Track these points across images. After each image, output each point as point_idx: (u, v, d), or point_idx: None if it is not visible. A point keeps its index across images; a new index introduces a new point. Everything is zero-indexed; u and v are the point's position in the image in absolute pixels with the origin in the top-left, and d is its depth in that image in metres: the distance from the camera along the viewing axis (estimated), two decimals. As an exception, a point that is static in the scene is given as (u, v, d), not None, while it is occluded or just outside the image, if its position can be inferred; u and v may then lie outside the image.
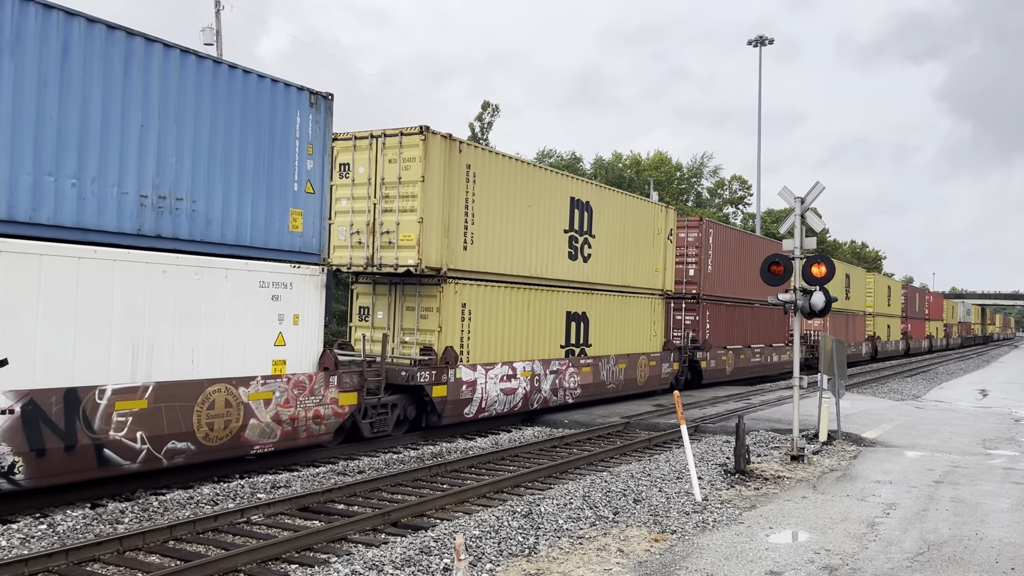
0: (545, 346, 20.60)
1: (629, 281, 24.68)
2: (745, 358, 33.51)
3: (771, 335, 36.71)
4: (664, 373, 26.55)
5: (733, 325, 32.33)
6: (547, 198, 20.58)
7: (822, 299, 14.79)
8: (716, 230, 31.15)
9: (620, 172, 72.73)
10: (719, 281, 30.91)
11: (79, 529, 9.89)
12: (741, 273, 32.71)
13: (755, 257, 33.02)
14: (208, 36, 31.44)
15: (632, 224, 24.83)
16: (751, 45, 50.88)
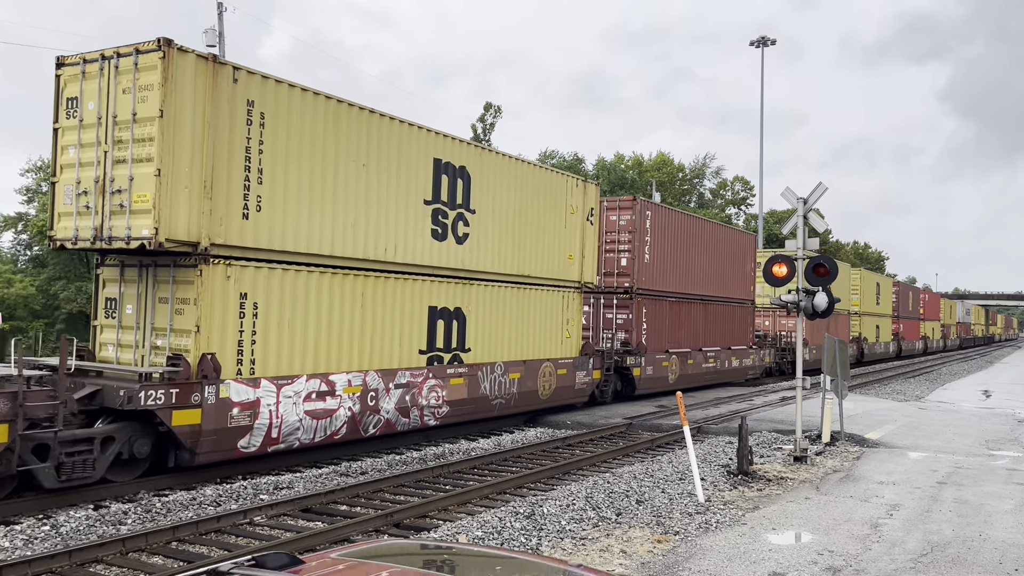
0: (391, 352, 15.61)
1: (529, 270, 19.70)
2: (695, 363, 28.74)
3: (730, 336, 32.23)
4: (580, 383, 21.64)
5: (679, 325, 27.72)
6: (396, 157, 15.62)
7: (825, 300, 14.77)
8: (656, 212, 26.42)
9: (622, 173, 72.71)
10: (660, 273, 26.52)
11: (82, 530, 9.89)
12: (691, 264, 28.63)
13: (709, 245, 30.02)
14: (211, 37, 31.46)
15: (533, 199, 19.82)
16: (753, 46, 50.86)
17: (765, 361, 35.64)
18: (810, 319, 15.26)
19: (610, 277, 25.24)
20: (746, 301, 33.50)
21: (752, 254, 34.38)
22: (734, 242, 32.76)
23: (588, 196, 22.35)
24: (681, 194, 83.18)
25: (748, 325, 33.81)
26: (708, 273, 29.77)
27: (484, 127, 60.98)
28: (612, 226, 25.28)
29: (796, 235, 15.30)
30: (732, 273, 32.09)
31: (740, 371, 32.88)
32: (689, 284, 28.53)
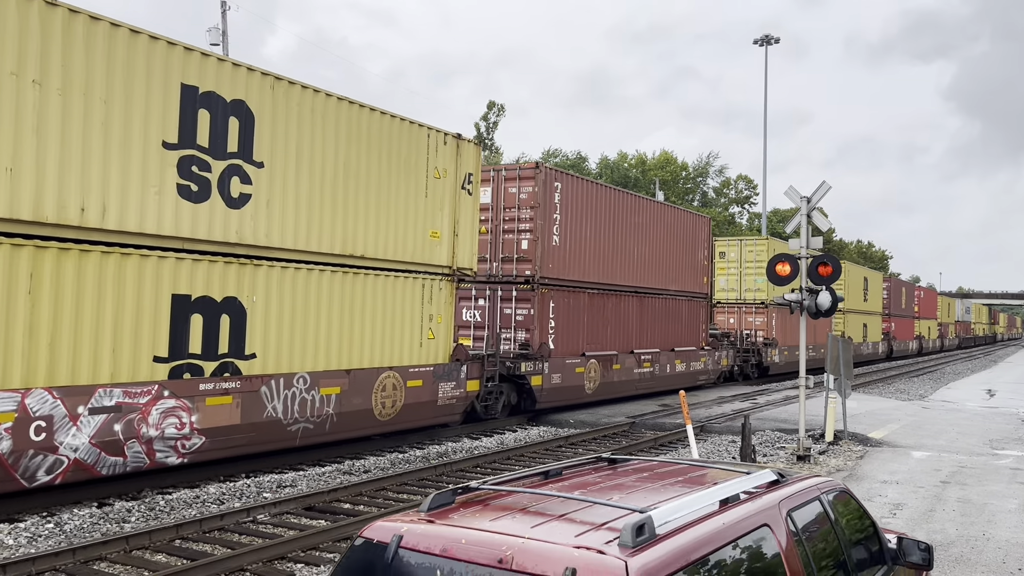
0: (92, 361, 10.86)
1: (363, 248, 14.85)
2: (624, 369, 23.57)
3: (676, 336, 27.21)
4: (445, 398, 16.63)
5: (603, 323, 22.95)
6: (103, 75, 10.94)
7: (828, 299, 14.76)
8: (569, 185, 21.62)
9: (626, 172, 72.68)
10: (576, 259, 21.81)
11: (86, 528, 9.91)
12: (621, 249, 23.84)
13: (648, 228, 25.47)
14: (214, 36, 31.51)
15: (371, 155, 15.03)
16: (757, 44, 50.80)
17: (722, 364, 30.80)
18: (813, 318, 15.25)
19: (509, 263, 20.63)
20: (698, 295, 29.09)
21: (707, 240, 30.11)
22: (682, 226, 28.11)
23: (465, 158, 17.32)
24: (685, 193, 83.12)
25: (700, 322, 29.14)
26: (646, 261, 25.31)
27: (487, 125, 60.98)
28: (511, 200, 20.66)
29: (799, 234, 15.29)
30: (679, 262, 27.65)
31: (687, 376, 27.65)
32: (619, 273, 23.77)
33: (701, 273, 29.42)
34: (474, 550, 3.27)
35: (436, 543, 3.37)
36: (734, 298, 36.74)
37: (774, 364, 35.96)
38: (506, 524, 3.50)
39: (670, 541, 3.28)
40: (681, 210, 29.30)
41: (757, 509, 3.91)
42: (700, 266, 29.32)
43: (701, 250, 29.42)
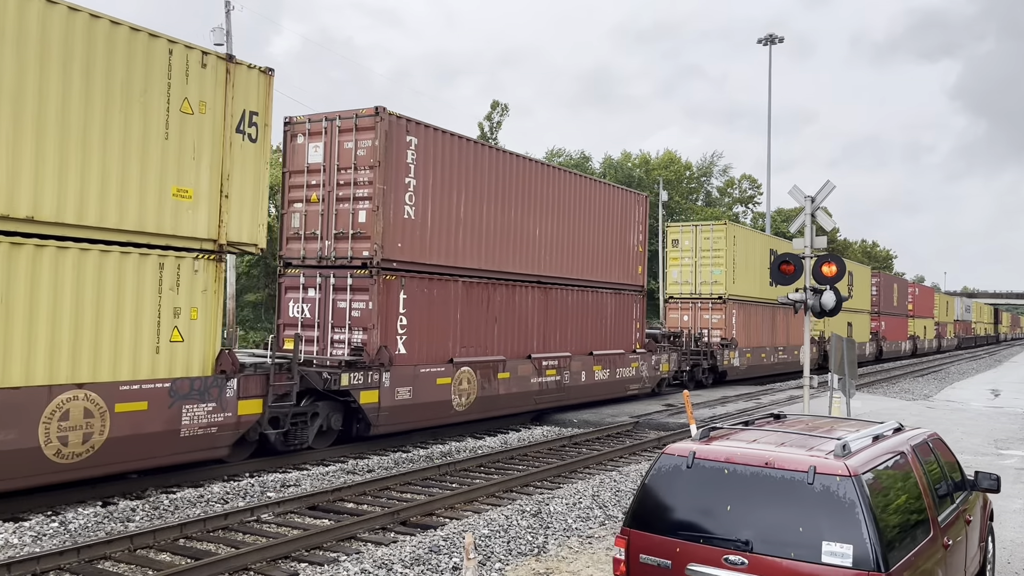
0: None
1: (46, 208, 10.45)
2: (515, 379, 18.93)
3: (599, 337, 22.62)
4: (199, 427, 12.10)
5: (486, 321, 18.25)
6: None
7: (832, 298, 14.73)
8: (428, 140, 16.57)
9: (629, 171, 72.68)
10: (441, 237, 16.99)
11: (90, 527, 9.94)
12: (514, 228, 19.15)
13: (556, 203, 20.73)
14: (219, 36, 31.52)
15: (51, 67, 10.49)
16: (761, 44, 50.70)
17: (661, 370, 25.62)
18: (818, 317, 15.22)
19: (343, 241, 15.84)
20: (630, 288, 24.33)
21: (642, 222, 25.08)
22: (608, 204, 23.31)
23: (242, 90, 12.97)
24: (688, 193, 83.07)
25: (634, 320, 24.44)
26: (555, 245, 20.70)
27: (491, 125, 61.00)
28: (347, 158, 15.86)
29: (804, 233, 15.27)
30: (604, 247, 22.97)
31: (612, 385, 22.93)
32: (513, 258, 19.12)
33: (634, 261, 24.56)
34: (749, 455, 5.54)
35: (720, 454, 5.65)
36: (688, 292, 32.13)
37: (732, 368, 31.35)
38: (759, 445, 5.80)
39: (860, 455, 5.55)
40: (607, 184, 24.32)
41: (896, 443, 6.29)
42: (633, 253, 24.54)
43: (634, 234, 24.59)
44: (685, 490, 5.63)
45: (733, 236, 31.98)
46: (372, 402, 15.11)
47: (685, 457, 5.71)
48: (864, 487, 5.14)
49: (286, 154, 16.92)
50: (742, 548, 5.19)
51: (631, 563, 5.67)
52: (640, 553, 5.62)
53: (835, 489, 5.13)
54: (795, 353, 37.71)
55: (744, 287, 32.70)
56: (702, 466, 5.61)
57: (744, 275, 32.69)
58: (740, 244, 32.60)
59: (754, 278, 33.92)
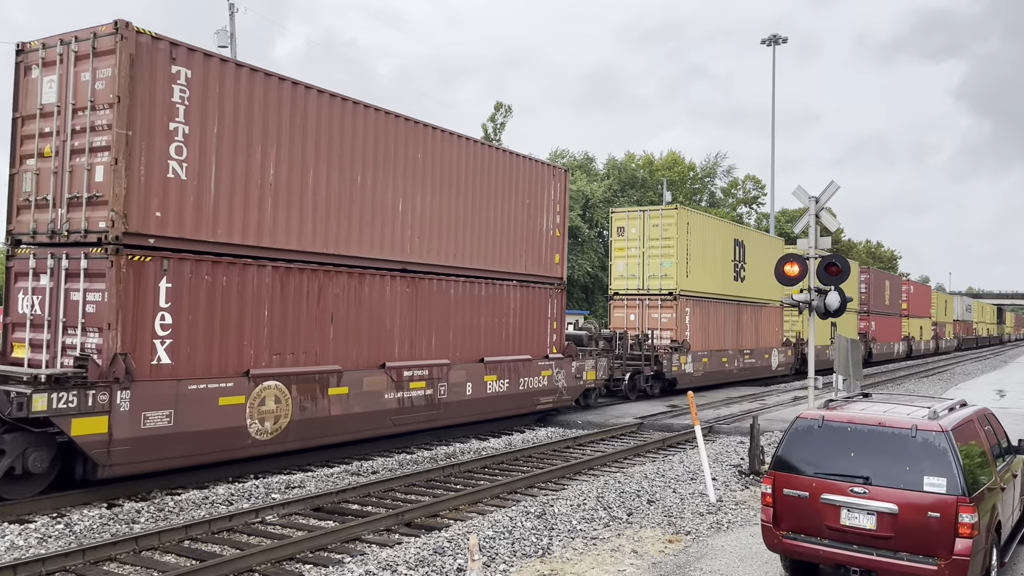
0: None
1: None
2: (358, 396, 14.71)
3: (494, 340, 18.45)
4: None
5: (314, 319, 14.13)
6: None
7: (837, 299, 14.71)
8: (209, 73, 12.54)
9: (633, 172, 72.67)
10: (234, 206, 12.92)
11: (96, 528, 9.96)
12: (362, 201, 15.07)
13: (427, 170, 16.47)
14: (223, 38, 31.60)
15: None
16: (765, 44, 50.65)
17: (585, 379, 21.50)
18: (822, 318, 15.19)
19: (77, 209, 11.77)
20: (544, 281, 20.31)
21: (559, 201, 20.96)
22: (509, 176, 19.11)
23: None
24: (692, 193, 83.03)
25: (549, 319, 20.42)
26: (429, 224, 16.59)
27: (495, 126, 61.04)
28: (83, 94, 11.77)
29: (808, 234, 15.25)
30: (503, 230, 18.84)
31: (514, 399, 18.89)
32: (358, 239, 14.95)
33: (549, 248, 20.49)
34: (866, 418, 7.65)
35: (843, 418, 7.74)
36: (635, 288, 27.51)
37: (684, 376, 26.77)
38: (869, 412, 7.93)
39: (946, 418, 7.62)
40: (510, 153, 19.67)
41: (966, 412, 8.27)
42: (547, 238, 20.45)
43: (548, 215, 20.53)
44: (817, 443, 7.71)
45: (687, 223, 27.50)
46: (96, 433, 10.77)
47: (816, 420, 7.85)
48: (952, 440, 7.21)
49: (17, 93, 12.59)
50: (864, 482, 7.28)
51: (776, 496, 7.75)
52: (783, 488, 7.68)
53: (932, 441, 7.22)
54: (765, 357, 33.64)
55: (701, 282, 28.48)
56: (830, 426, 7.73)
57: (701, 268, 28.46)
58: (696, 232, 28.13)
59: (714, 272, 29.58)
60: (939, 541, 6.92)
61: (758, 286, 33.25)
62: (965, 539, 6.83)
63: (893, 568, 7.13)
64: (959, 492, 6.91)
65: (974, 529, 6.83)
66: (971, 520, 6.84)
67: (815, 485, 7.50)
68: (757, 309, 33.36)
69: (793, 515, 7.65)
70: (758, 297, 33.37)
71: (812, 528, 7.53)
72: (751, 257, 32.85)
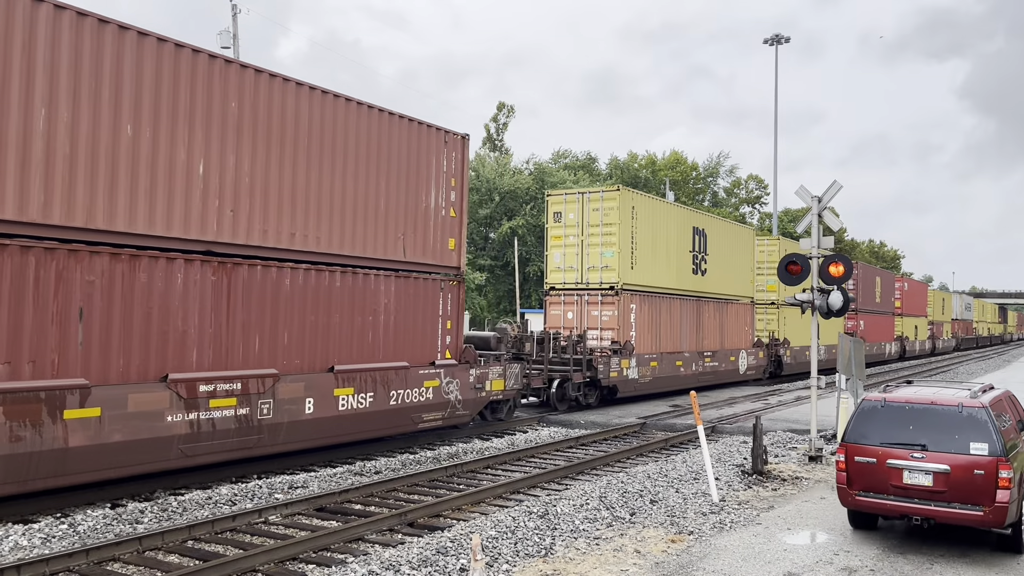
0: None
1: None
2: (117, 418, 10.95)
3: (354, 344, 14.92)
4: None
5: (51, 319, 10.51)
6: None
7: (840, 298, 14.70)
8: None
9: (635, 172, 72.64)
10: None
11: (99, 529, 9.98)
12: (117, 149, 11.30)
13: (224, 117, 12.69)
14: (225, 39, 31.63)
15: None
16: (767, 44, 50.62)
17: (487, 390, 18.03)
18: (825, 318, 15.18)
19: None
20: (430, 271, 16.72)
21: (454, 174, 17.25)
22: (378, 140, 15.55)
23: None
24: (695, 193, 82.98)
25: (441, 317, 16.93)
26: (249, 194, 13.10)
27: (497, 127, 61.05)
28: None
29: (811, 233, 15.24)
30: (369, 206, 15.32)
31: (383, 417, 15.36)
32: (121, 207, 11.35)
33: (441, 231, 16.88)
34: (920, 398, 9.52)
35: (901, 398, 9.59)
36: (573, 282, 24.15)
37: (627, 382, 23.18)
38: (921, 393, 9.82)
39: (985, 396, 9.59)
40: (378, 111, 15.58)
41: (997, 392, 10.10)
42: (438, 219, 16.83)
43: (438, 190, 16.82)
44: (880, 419, 9.56)
45: (632, 207, 24.07)
46: None
47: (879, 401, 9.76)
48: (991, 413, 9.04)
49: None
50: (921, 449, 9.09)
51: (849, 463, 9.52)
52: (855, 456, 9.47)
53: (975, 414, 9.04)
54: (732, 360, 30.21)
55: (650, 275, 25.06)
56: (891, 406, 9.60)
57: (650, 259, 25.10)
58: (644, 218, 24.72)
59: (668, 263, 26.13)
60: (984, 492, 8.72)
61: (723, 280, 30.05)
62: (1004, 490, 8.62)
63: (948, 515, 8.90)
64: (998, 454, 8.69)
65: (1011, 482, 8.64)
66: (1008, 475, 8.64)
67: (881, 453, 9.30)
68: (722, 306, 29.86)
69: (863, 477, 9.41)
70: (723, 293, 30.01)
71: (879, 487, 9.29)
72: (715, 248, 29.37)
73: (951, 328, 75.73)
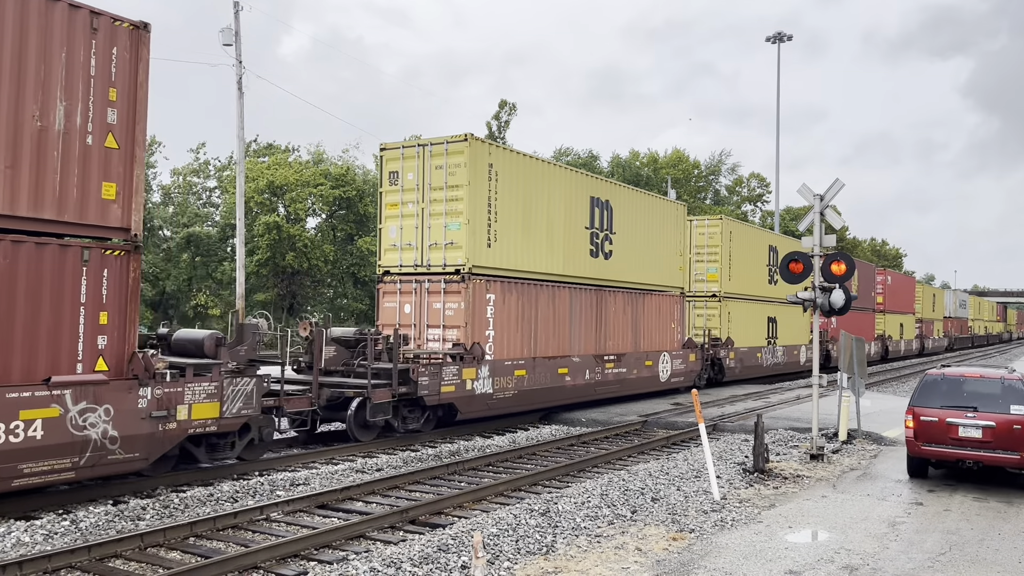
0: None
1: None
2: None
3: None
4: None
5: None
6: None
7: (841, 297, 14.69)
8: None
9: (637, 170, 72.64)
10: None
11: (101, 525, 9.99)
12: None
13: None
14: (227, 37, 31.61)
15: None
16: (770, 42, 50.54)
17: (189, 417, 12.03)
18: (827, 316, 15.17)
19: None
20: (66, 231, 10.90)
21: (101, 77, 11.25)
22: None
23: None
24: (696, 191, 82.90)
25: (79, 310, 10.91)
26: None
27: (499, 124, 61.01)
28: None
29: (813, 231, 15.23)
30: None
31: None
32: None
33: (80, 170, 11.06)
34: (971, 373, 13.12)
35: (957, 373, 13.18)
36: (412, 264, 18.46)
37: (475, 399, 17.65)
38: (970, 370, 13.35)
39: (1018, 372, 13.20)
40: None
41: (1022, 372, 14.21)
42: (73, 149, 11.04)
43: (74, 101, 11.07)
44: (941, 388, 12.75)
45: (488, 164, 18.32)
46: None
47: (939, 375, 13.04)
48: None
49: None
50: (973, 410, 12.15)
51: (916, 421, 12.53)
52: (920, 416, 12.50)
53: (1014, 384, 12.31)
54: (648, 365, 24.31)
55: (517, 255, 19.25)
56: (948, 378, 12.91)
57: (519, 235, 19.31)
58: (508, 180, 18.88)
59: (548, 241, 20.28)
60: (1021, 442, 11.84)
61: (639, 265, 24.04)
62: None
63: (992, 459, 12.03)
64: None
65: None
66: None
67: (941, 413, 12.35)
68: (635, 298, 23.87)
69: (927, 432, 12.44)
70: (637, 281, 23.99)
71: (940, 439, 12.30)
72: (625, 225, 23.58)
73: (943, 327, 70.78)
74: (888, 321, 51.42)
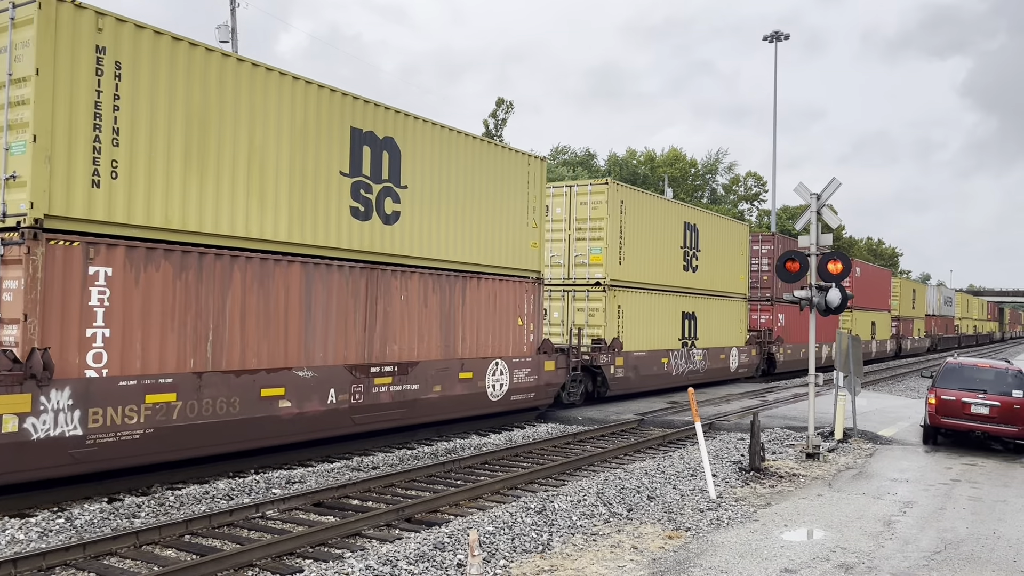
0: None
1: None
2: None
3: None
4: None
5: None
6: None
7: (838, 296, 14.70)
8: None
9: (634, 168, 72.68)
10: None
11: (96, 523, 9.97)
12: None
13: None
14: (224, 34, 31.54)
15: None
16: (767, 41, 50.55)
17: None
18: (823, 315, 15.18)
19: None
20: None
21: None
22: None
23: None
24: (693, 189, 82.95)
25: None
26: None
27: (496, 122, 61.00)
28: None
29: (809, 230, 15.24)
30: None
31: None
32: None
33: None
34: (981, 362, 17.38)
35: (971, 363, 17.42)
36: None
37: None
38: (980, 360, 17.73)
39: (1015, 364, 17.38)
40: None
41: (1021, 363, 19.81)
42: None
43: None
44: (958, 374, 16.57)
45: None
46: None
47: (957, 363, 17.01)
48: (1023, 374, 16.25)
49: None
50: (983, 392, 15.86)
51: (938, 399, 16.05)
52: (941, 396, 16.06)
53: (1015, 373, 16.19)
54: (479, 385, 17.47)
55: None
56: (964, 366, 16.83)
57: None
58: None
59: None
60: (1019, 418, 15.47)
61: (457, 237, 16.99)
62: None
63: (996, 431, 15.66)
64: None
65: None
66: None
67: (959, 393, 15.95)
68: (449, 282, 16.74)
69: (946, 409, 16.01)
70: (452, 260, 16.85)
71: (956, 414, 15.87)
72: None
73: (925, 325, 64.06)
74: (857, 319, 44.27)
